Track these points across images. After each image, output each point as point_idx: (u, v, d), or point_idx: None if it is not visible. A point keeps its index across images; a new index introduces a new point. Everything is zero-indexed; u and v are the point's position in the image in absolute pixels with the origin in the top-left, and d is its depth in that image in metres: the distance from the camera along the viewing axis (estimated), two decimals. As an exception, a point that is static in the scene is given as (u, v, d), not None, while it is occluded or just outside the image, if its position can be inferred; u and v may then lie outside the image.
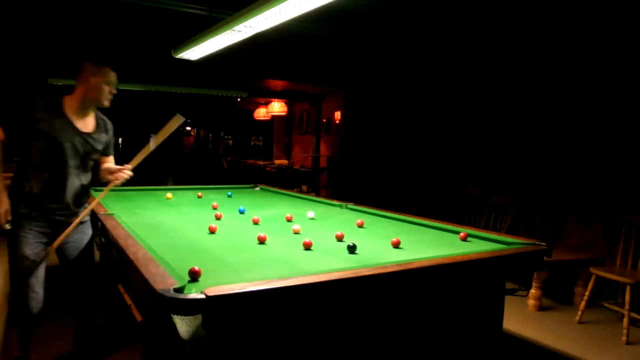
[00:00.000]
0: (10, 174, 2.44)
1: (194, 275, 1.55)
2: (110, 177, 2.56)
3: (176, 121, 2.46)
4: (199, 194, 4.08)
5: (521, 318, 3.69)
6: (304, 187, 8.61)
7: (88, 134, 2.47)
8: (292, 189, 5.77)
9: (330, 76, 7.66)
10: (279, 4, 2.66)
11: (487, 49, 5.26)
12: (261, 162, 10.17)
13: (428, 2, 4.57)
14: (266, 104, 10.14)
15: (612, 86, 4.09)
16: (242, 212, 3.09)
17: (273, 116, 10.39)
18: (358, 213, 3.31)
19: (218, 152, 16.27)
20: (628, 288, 3.33)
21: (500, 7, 4.49)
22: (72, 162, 2.41)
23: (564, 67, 4.48)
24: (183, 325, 1.28)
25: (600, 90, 4.18)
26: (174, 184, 7.83)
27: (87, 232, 2.63)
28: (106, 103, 2.46)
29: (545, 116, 4.65)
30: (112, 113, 2.63)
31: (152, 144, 2.51)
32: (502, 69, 5.11)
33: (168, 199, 3.76)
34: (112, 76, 2.46)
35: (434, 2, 4.55)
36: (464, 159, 5.56)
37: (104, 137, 2.58)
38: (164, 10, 4.62)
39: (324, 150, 8.89)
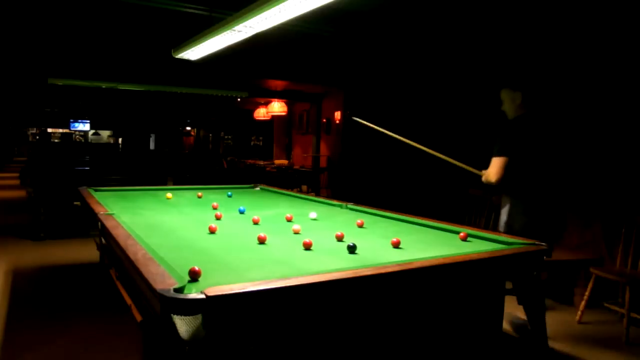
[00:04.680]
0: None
1: (194, 275, 1.55)
2: None
3: None
4: (199, 194, 4.08)
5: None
6: (304, 187, 8.61)
7: None
8: (292, 189, 5.77)
9: (330, 76, 7.65)
10: (279, 4, 2.66)
11: (486, 48, 5.26)
12: (261, 162, 10.17)
13: (427, 2, 4.57)
14: (266, 104, 10.14)
15: (613, 86, 4.09)
16: (242, 212, 3.09)
17: (273, 116, 10.38)
18: (358, 213, 3.30)
19: (218, 152, 16.28)
20: (628, 288, 3.33)
21: (499, 6, 4.49)
22: None
23: (564, 66, 4.48)
24: (183, 325, 1.28)
25: (601, 90, 4.17)
26: (174, 184, 7.83)
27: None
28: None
29: (545, 116, 4.64)
30: (112, 113, 2.64)
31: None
32: (502, 68, 5.11)
33: (168, 199, 3.76)
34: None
35: (434, 2, 4.55)
36: (464, 158, 5.55)
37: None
38: (164, 10, 4.62)
39: (324, 150, 8.89)
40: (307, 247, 2.11)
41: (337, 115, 8.30)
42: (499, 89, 3.30)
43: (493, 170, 2.96)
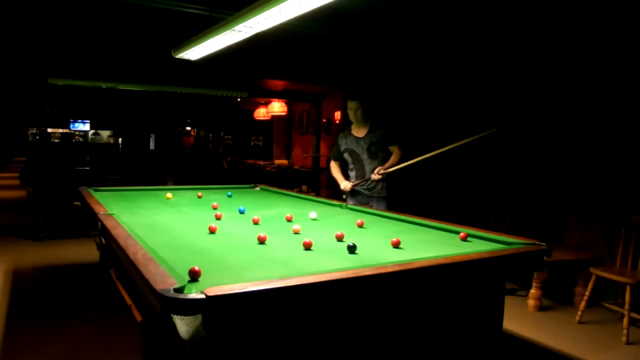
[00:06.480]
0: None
1: (194, 275, 1.55)
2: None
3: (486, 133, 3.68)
4: (199, 194, 4.08)
5: (521, 318, 3.69)
6: (304, 187, 8.61)
7: (360, 138, 4.06)
8: (292, 189, 5.77)
9: (330, 76, 7.65)
10: (279, 4, 2.66)
11: (486, 48, 5.26)
12: (261, 162, 10.17)
13: (427, 1, 4.57)
14: (266, 104, 10.14)
15: (612, 86, 4.09)
16: (242, 212, 3.09)
17: (273, 116, 10.39)
18: (358, 213, 3.31)
19: (218, 152, 16.28)
20: (628, 288, 3.33)
21: (498, 6, 4.49)
22: (364, 156, 4.05)
23: (563, 66, 4.48)
24: (183, 325, 1.28)
25: (600, 90, 4.17)
26: (174, 184, 7.83)
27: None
28: (353, 121, 4.10)
29: (545, 116, 4.65)
30: (112, 113, 2.64)
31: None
32: (501, 68, 5.11)
33: (168, 199, 3.76)
34: (350, 105, 4.04)
35: (434, 1, 4.55)
36: (465, 159, 5.56)
37: (373, 137, 4.01)
38: (164, 10, 4.62)
39: (324, 150, 8.89)
40: (307, 247, 2.11)
41: (337, 115, 8.30)
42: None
43: (401, 154, 4.01)
